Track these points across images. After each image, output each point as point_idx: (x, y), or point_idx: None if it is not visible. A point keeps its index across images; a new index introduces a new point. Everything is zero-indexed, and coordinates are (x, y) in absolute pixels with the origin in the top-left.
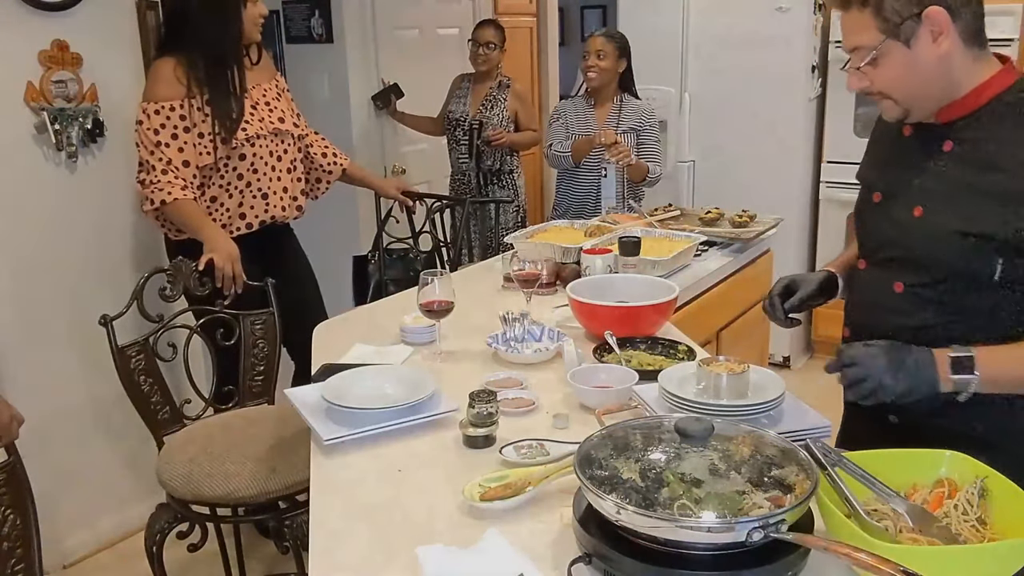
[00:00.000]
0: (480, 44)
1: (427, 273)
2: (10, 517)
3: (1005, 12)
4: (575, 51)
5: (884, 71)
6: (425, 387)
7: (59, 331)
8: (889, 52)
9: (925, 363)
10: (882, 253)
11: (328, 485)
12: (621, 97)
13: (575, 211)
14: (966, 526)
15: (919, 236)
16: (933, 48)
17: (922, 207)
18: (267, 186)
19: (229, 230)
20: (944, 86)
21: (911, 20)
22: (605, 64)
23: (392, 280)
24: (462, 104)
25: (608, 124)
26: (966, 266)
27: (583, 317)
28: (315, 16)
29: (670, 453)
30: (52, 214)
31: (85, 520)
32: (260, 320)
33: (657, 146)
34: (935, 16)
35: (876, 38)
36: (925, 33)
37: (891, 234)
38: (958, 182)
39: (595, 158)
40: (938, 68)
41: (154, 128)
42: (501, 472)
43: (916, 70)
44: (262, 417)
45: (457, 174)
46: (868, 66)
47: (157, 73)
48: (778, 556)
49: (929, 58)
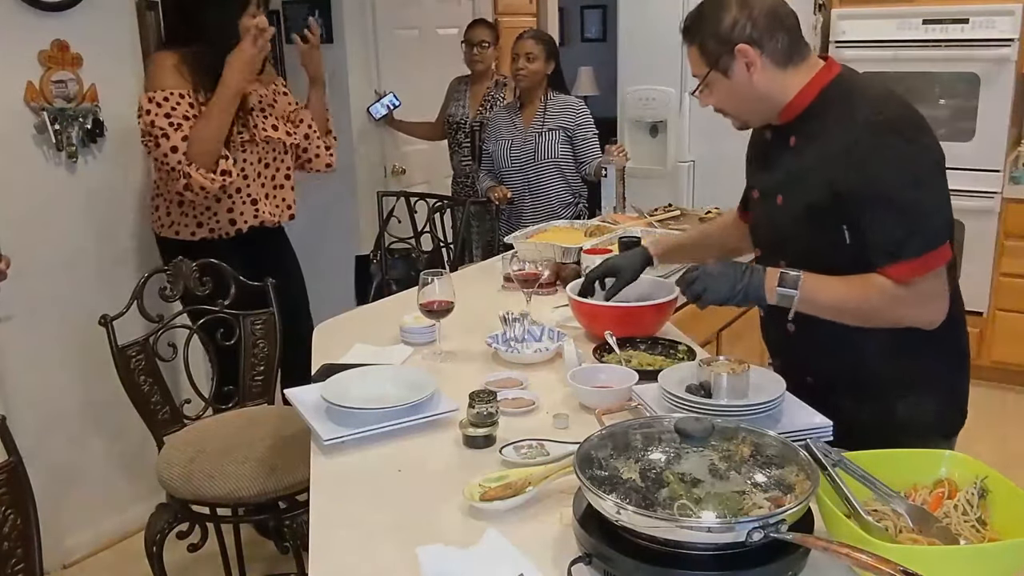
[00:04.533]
0: (473, 44)
1: (427, 273)
2: (10, 517)
3: (1005, 12)
4: (575, 51)
5: (715, 95)
6: (425, 387)
7: (59, 331)
8: (715, 81)
9: (756, 274)
10: (766, 242)
11: (328, 485)
12: (547, 96)
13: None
14: (966, 526)
15: (783, 221)
16: (748, 75)
17: (782, 196)
18: (257, 192)
19: (219, 234)
20: (766, 102)
21: (726, 55)
22: (535, 67)
23: (394, 280)
24: (461, 107)
25: (534, 125)
26: (823, 238)
27: (583, 317)
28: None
29: (670, 453)
30: (52, 214)
31: (85, 520)
32: (260, 320)
33: (595, 140)
34: (744, 51)
35: (703, 69)
36: (739, 64)
37: (766, 223)
38: (802, 168)
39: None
40: (756, 90)
41: (164, 113)
42: (501, 472)
43: (738, 93)
44: (262, 417)
45: (460, 177)
46: (704, 90)
47: (158, 65)
48: (778, 556)
49: (745, 83)
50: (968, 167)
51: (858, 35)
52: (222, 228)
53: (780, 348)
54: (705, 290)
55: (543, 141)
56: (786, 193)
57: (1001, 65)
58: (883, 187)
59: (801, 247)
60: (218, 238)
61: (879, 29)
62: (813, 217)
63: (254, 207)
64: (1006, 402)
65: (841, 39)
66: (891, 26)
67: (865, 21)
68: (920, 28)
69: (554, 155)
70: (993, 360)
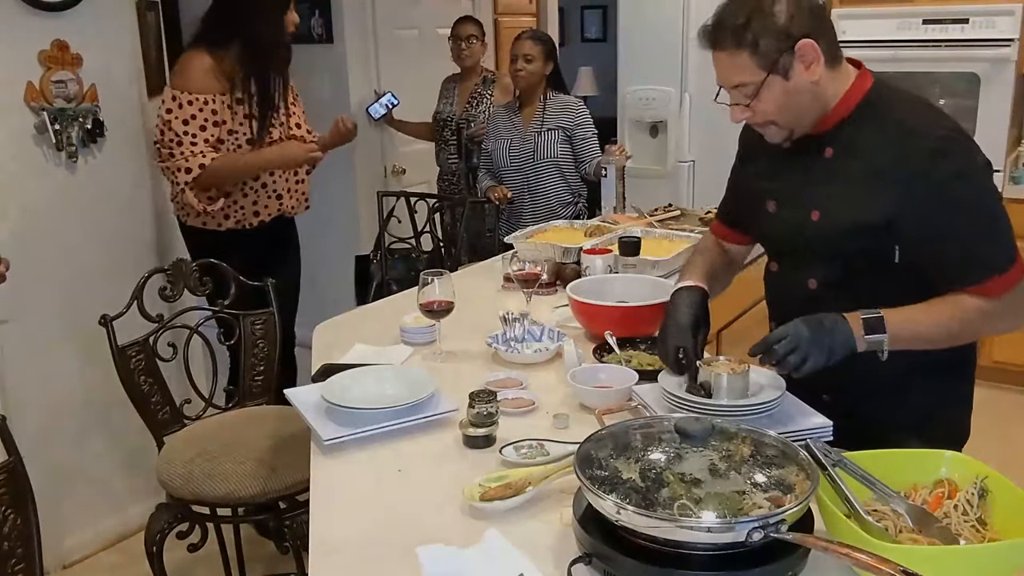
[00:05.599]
0: (461, 39)
1: (427, 273)
2: (10, 517)
3: (1005, 12)
4: (575, 51)
5: (766, 102)
6: (425, 387)
7: (59, 331)
8: (770, 85)
9: (841, 326)
10: (790, 256)
11: (328, 485)
12: (546, 96)
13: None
14: (966, 526)
15: (821, 237)
16: (807, 75)
17: (818, 211)
18: (282, 187)
19: (242, 225)
20: (819, 105)
21: (787, 54)
22: (533, 67)
23: (394, 280)
24: (449, 104)
25: (533, 124)
26: (867, 256)
27: (583, 317)
28: (315, 16)
29: (670, 453)
30: (52, 214)
31: (85, 520)
32: (260, 320)
33: (594, 140)
34: (806, 48)
35: (758, 75)
36: (799, 63)
37: (795, 239)
38: (844, 181)
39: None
40: (813, 91)
41: (183, 118)
42: (501, 472)
43: (795, 97)
44: (262, 417)
45: (446, 174)
46: (751, 101)
47: (192, 63)
48: (778, 556)
49: (805, 84)
50: None
51: (858, 35)
52: (247, 219)
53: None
54: (805, 360)
55: (542, 141)
56: (825, 208)
57: (1001, 65)
58: (963, 205)
59: (839, 264)
60: (242, 228)
61: (879, 29)
62: (861, 235)
63: (278, 201)
64: (1006, 402)
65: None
66: (891, 26)
67: (865, 21)
68: (920, 28)
69: (553, 155)
70: (993, 360)
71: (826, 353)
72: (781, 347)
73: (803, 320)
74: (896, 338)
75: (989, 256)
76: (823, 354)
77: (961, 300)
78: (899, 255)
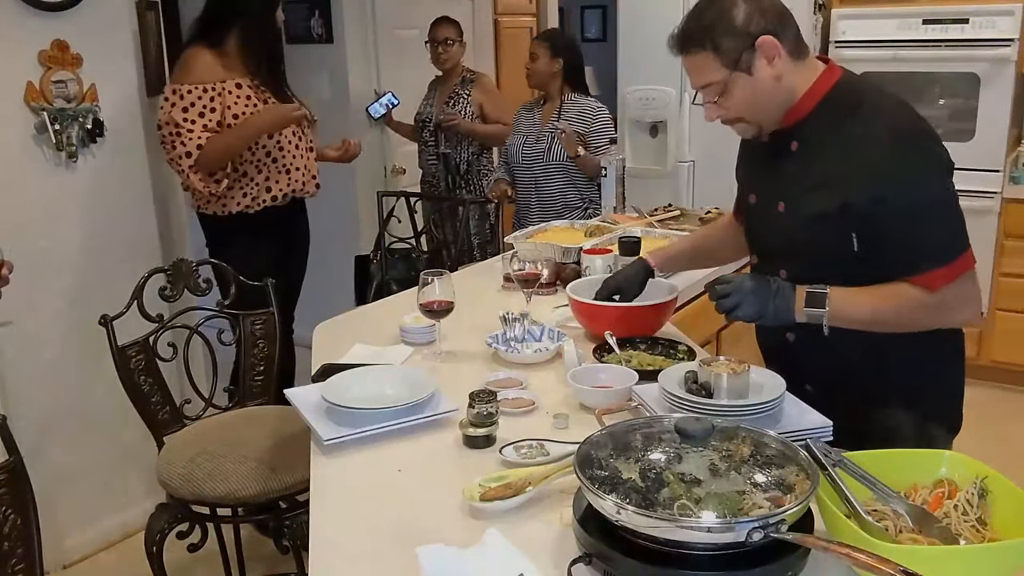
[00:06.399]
0: (438, 42)
1: (427, 273)
2: (10, 517)
3: (1005, 12)
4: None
5: (734, 99)
6: (425, 387)
7: (59, 331)
8: (736, 82)
9: (786, 292)
10: (765, 248)
11: (328, 485)
12: (564, 96)
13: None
14: (966, 526)
15: (785, 227)
16: (770, 70)
17: (783, 202)
18: (291, 162)
19: (257, 202)
20: (784, 98)
21: (747, 51)
22: (537, 65)
23: (394, 280)
24: (429, 106)
25: (550, 122)
26: (828, 246)
27: (583, 317)
28: (315, 16)
29: (670, 453)
30: (52, 214)
31: (85, 520)
32: (260, 320)
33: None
34: (766, 43)
35: (723, 73)
36: (761, 59)
37: (766, 230)
38: (806, 174)
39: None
40: (777, 85)
41: (182, 107)
42: (501, 472)
43: (760, 92)
44: (262, 417)
45: (428, 176)
46: (719, 99)
47: (192, 60)
48: (778, 556)
49: (768, 79)
50: (968, 167)
51: (858, 35)
52: (260, 197)
53: (777, 355)
54: (737, 306)
55: (555, 140)
56: (789, 200)
57: (1001, 65)
58: (912, 199)
59: (804, 255)
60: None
61: (879, 29)
62: (820, 225)
63: (288, 176)
64: (1006, 402)
65: (841, 39)
66: (891, 26)
67: (865, 21)
68: (920, 28)
69: (563, 156)
70: (993, 360)
71: (759, 308)
72: (721, 288)
73: (753, 275)
74: (836, 316)
75: (933, 249)
76: (756, 308)
77: (903, 289)
78: (856, 245)
